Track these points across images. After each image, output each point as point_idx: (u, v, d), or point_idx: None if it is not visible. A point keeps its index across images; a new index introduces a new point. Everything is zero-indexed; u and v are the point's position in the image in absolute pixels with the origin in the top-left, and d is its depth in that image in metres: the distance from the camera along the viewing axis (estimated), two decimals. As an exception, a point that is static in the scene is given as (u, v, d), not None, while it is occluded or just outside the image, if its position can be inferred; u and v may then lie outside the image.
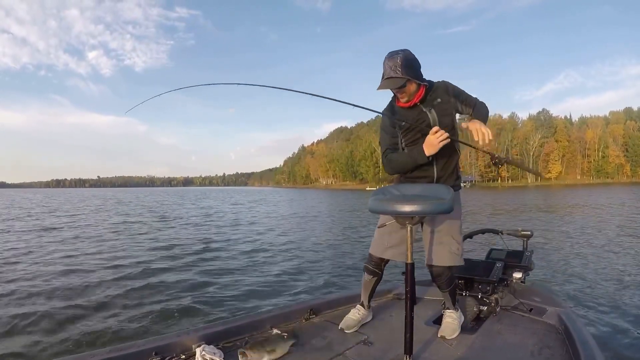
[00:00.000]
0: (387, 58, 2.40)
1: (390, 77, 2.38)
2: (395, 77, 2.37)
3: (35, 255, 9.35)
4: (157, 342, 2.32)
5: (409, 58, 2.41)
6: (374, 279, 2.83)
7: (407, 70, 2.37)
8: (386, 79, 2.40)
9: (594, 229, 13.57)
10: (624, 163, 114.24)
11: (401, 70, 2.35)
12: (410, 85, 2.42)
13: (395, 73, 2.36)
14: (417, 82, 2.44)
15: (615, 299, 5.73)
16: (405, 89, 2.43)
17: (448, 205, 2.01)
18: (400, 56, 2.37)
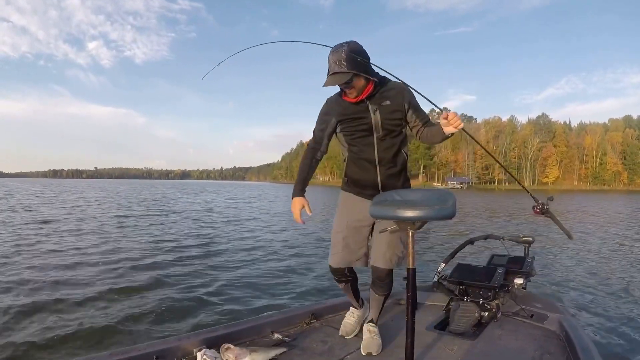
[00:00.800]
0: (332, 52, 2.27)
1: (336, 73, 2.24)
2: (341, 72, 2.23)
3: (32, 253, 9.20)
4: (158, 345, 2.31)
5: (355, 50, 2.26)
6: (348, 284, 2.71)
7: (354, 64, 2.23)
8: (331, 75, 2.26)
9: (594, 236, 13.59)
10: (621, 171, 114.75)
11: (346, 64, 2.21)
12: (357, 80, 2.28)
13: (340, 68, 2.22)
14: (366, 77, 2.30)
15: (616, 306, 5.73)
16: (353, 84, 2.29)
17: (451, 211, 1.98)
18: (345, 49, 2.23)
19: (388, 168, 2.49)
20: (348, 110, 2.43)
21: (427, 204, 2.01)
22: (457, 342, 2.67)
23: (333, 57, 2.25)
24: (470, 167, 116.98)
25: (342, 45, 2.25)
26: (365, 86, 2.33)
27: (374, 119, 2.39)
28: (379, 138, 2.43)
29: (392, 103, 2.40)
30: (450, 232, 13.88)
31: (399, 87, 2.45)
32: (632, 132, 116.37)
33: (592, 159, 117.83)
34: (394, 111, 2.41)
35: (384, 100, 2.40)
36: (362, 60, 2.27)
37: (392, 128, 2.43)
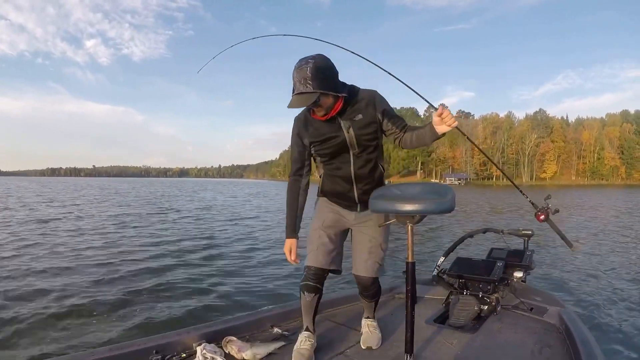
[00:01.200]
0: (296, 69, 2.09)
1: (301, 93, 2.07)
2: (307, 93, 2.06)
3: (32, 249, 9.27)
4: (157, 340, 2.31)
5: (321, 67, 2.08)
6: (316, 297, 2.43)
7: (320, 83, 2.05)
8: (296, 95, 2.09)
9: (593, 230, 13.70)
10: (619, 165, 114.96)
11: (312, 83, 2.04)
12: (325, 98, 2.13)
13: (305, 87, 2.05)
14: (334, 95, 2.15)
15: (615, 298, 5.76)
16: (320, 103, 2.14)
17: (449, 205, 1.98)
18: (310, 66, 2.04)
19: (365, 184, 2.40)
20: (320, 131, 2.31)
21: (426, 197, 2.01)
22: (456, 336, 2.67)
23: (297, 75, 2.07)
24: (468, 163, 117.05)
25: (306, 62, 2.07)
26: (334, 103, 2.19)
27: (348, 136, 2.27)
28: (355, 155, 2.32)
29: (365, 116, 2.27)
30: (449, 226, 13.91)
31: (369, 96, 2.31)
32: (629, 127, 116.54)
33: (590, 154, 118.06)
34: (368, 124, 2.28)
35: (355, 114, 2.27)
36: (330, 76, 2.12)
37: (368, 143, 2.32)
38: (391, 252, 8.41)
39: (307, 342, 2.40)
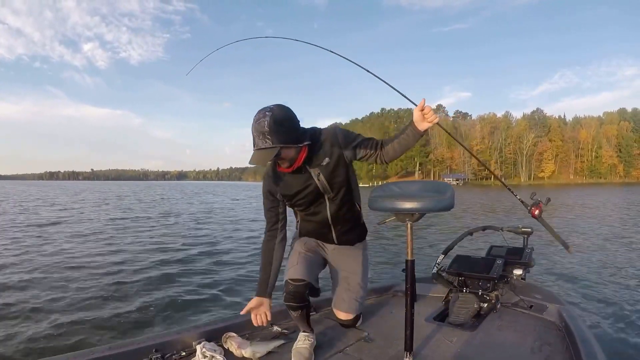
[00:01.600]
0: (254, 123, 2.00)
1: (260, 149, 1.99)
2: (266, 148, 1.97)
3: (33, 250, 9.29)
4: (157, 339, 2.31)
5: (279, 120, 1.98)
6: (303, 312, 2.36)
7: (279, 137, 1.97)
8: (256, 151, 2.00)
9: (593, 227, 13.71)
10: (617, 163, 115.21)
11: (271, 138, 1.96)
12: (287, 151, 2.05)
13: (264, 142, 1.97)
14: (294, 147, 2.07)
15: (615, 296, 5.76)
16: (282, 157, 2.07)
17: (449, 203, 1.98)
18: (268, 120, 1.95)
19: (342, 225, 2.41)
20: (290, 184, 2.27)
21: (425, 195, 2.01)
22: (456, 334, 2.67)
23: (255, 129, 1.99)
24: (466, 164, 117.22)
25: (264, 114, 1.98)
26: (298, 154, 2.12)
27: (320, 183, 2.23)
28: (330, 198, 2.30)
29: (332, 158, 2.21)
30: (449, 224, 13.92)
31: (331, 136, 2.23)
32: (626, 125, 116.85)
33: (588, 152, 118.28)
34: (337, 166, 2.22)
35: (322, 159, 2.20)
36: (289, 128, 2.04)
37: (341, 185, 2.28)
38: (391, 250, 8.43)
39: (307, 341, 2.39)
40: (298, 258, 2.39)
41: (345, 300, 2.44)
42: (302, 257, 2.40)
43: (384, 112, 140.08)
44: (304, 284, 2.26)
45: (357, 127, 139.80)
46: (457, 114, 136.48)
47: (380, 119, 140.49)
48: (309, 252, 2.45)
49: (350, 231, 2.46)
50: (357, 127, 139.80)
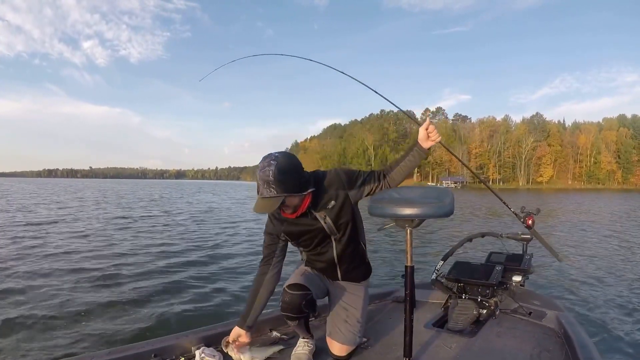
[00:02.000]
0: (259, 171, 2.04)
1: (264, 198, 2.02)
2: (270, 198, 2.01)
3: (30, 251, 9.25)
4: (156, 343, 2.31)
5: (283, 169, 2.01)
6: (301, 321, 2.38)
7: (284, 186, 2.01)
8: (261, 199, 2.04)
9: (592, 234, 13.74)
10: (615, 170, 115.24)
11: (275, 187, 1.99)
12: (291, 199, 2.08)
13: (269, 192, 2.00)
14: (298, 195, 2.10)
15: (614, 303, 5.77)
16: (286, 204, 2.10)
17: (448, 209, 1.98)
18: (273, 170, 1.98)
19: (348, 264, 2.42)
20: (296, 226, 2.29)
21: (425, 201, 2.01)
22: (455, 340, 2.67)
23: (260, 177, 2.02)
24: (465, 167, 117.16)
25: (269, 164, 2.01)
26: (302, 201, 2.15)
27: (327, 226, 2.26)
28: (337, 239, 2.32)
29: (337, 201, 2.24)
30: (448, 230, 13.92)
31: (335, 179, 2.26)
32: (626, 131, 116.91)
33: (587, 158, 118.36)
34: (342, 207, 2.26)
35: (328, 202, 2.24)
36: (294, 178, 2.07)
37: (347, 225, 2.30)
38: (389, 256, 8.42)
39: (306, 347, 2.41)
40: (303, 272, 2.42)
41: (342, 332, 2.40)
42: (307, 273, 2.42)
43: (383, 114, 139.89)
44: (302, 294, 2.24)
45: (356, 129, 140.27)
46: (456, 117, 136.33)
47: (379, 120, 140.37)
48: (315, 273, 2.47)
49: (356, 269, 2.47)
50: (356, 129, 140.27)
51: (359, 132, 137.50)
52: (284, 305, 2.26)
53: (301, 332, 2.44)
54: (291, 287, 2.26)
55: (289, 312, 2.26)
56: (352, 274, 2.47)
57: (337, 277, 2.46)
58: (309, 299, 2.27)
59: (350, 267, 2.43)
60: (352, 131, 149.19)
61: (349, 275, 2.46)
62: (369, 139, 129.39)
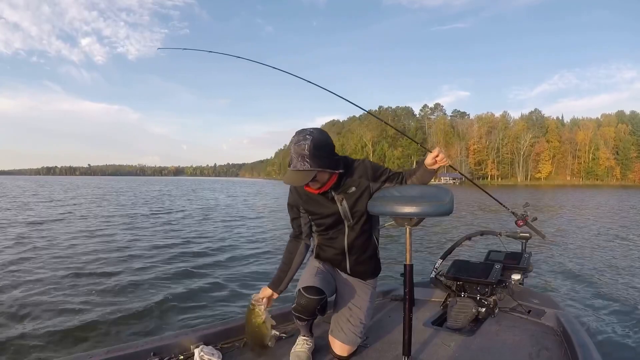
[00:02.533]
0: (294, 144, 2.09)
1: (297, 171, 2.07)
2: (304, 171, 2.06)
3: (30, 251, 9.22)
4: (155, 342, 2.32)
5: (319, 145, 2.07)
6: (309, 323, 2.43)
7: (317, 161, 2.06)
8: (293, 171, 2.09)
9: (591, 231, 13.73)
10: (614, 166, 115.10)
11: (310, 161, 2.04)
12: (322, 174, 2.13)
13: (303, 165, 2.05)
14: (329, 172, 2.16)
15: (613, 301, 5.77)
16: (317, 179, 2.14)
17: (448, 207, 1.98)
18: (309, 144, 2.04)
19: (358, 255, 2.43)
20: (314, 202, 2.34)
21: (425, 200, 2.01)
22: (454, 338, 2.67)
23: (295, 150, 2.07)
24: (463, 163, 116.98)
25: (304, 137, 2.06)
26: (329, 178, 2.20)
27: (342, 209, 2.30)
28: (350, 226, 2.35)
29: (358, 188, 2.29)
30: (447, 228, 13.93)
31: (362, 168, 2.31)
32: (624, 127, 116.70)
33: (585, 154, 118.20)
34: (361, 196, 2.29)
35: (349, 187, 2.28)
36: (327, 153, 2.13)
37: (362, 214, 2.32)
38: (389, 255, 8.42)
39: (305, 345, 2.42)
40: (316, 271, 2.42)
41: (344, 332, 2.41)
42: (319, 271, 2.43)
43: (381, 110, 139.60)
44: (319, 298, 2.25)
45: (354, 125, 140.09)
46: (455, 113, 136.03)
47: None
48: (326, 269, 2.48)
49: (365, 262, 2.47)
50: (354, 125, 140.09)
51: (357, 129, 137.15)
52: (298, 308, 2.26)
53: (304, 331, 2.46)
54: (308, 290, 2.26)
55: (303, 315, 2.28)
56: (361, 267, 2.47)
57: (346, 268, 2.46)
58: (323, 303, 2.28)
59: (360, 259, 2.44)
60: (350, 127, 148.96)
61: (358, 268, 2.46)
62: (367, 136, 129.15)
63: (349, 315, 2.43)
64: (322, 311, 2.32)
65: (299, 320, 2.33)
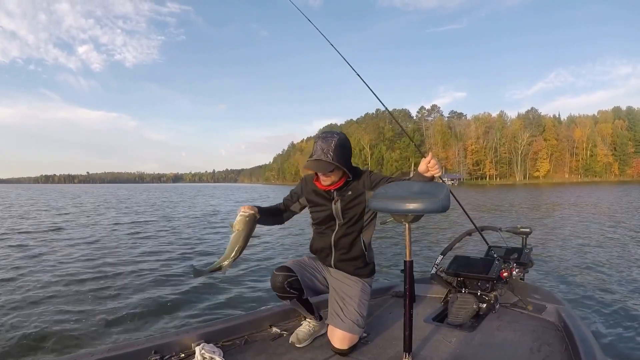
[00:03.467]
0: (321, 139, 2.36)
1: (320, 160, 2.32)
2: (325, 161, 2.31)
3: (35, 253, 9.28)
4: (156, 340, 2.31)
5: (343, 145, 2.38)
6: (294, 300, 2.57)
7: (339, 158, 2.33)
8: (314, 160, 2.34)
9: (591, 227, 13.73)
10: (612, 162, 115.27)
11: (332, 155, 2.31)
12: (337, 172, 2.40)
13: (326, 157, 2.31)
14: (344, 172, 2.41)
15: (614, 296, 5.76)
16: (332, 174, 2.39)
17: (442, 204, 1.97)
18: (335, 141, 2.33)
19: (342, 253, 2.56)
20: (315, 195, 2.56)
21: (420, 197, 2.01)
22: (455, 334, 2.67)
23: (322, 144, 2.34)
24: (461, 164, 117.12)
25: (332, 136, 2.36)
26: (340, 179, 2.45)
27: (334, 208, 2.49)
28: (340, 225, 2.52)
29: (354, 192, 2.47)
30: (447, 224, 13.94)
31: (363, 176, 2.51)
32: (621, 123, 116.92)
33: (583, 151, 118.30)
34: (355, 199, 2.47)
35: (347, 191, 2.47)
36: (347, 155, 2.42)
37: (352, 217, 2.49)
38: (389, 251, 8.43)
39: (307, 327, 2.59)
40: (295, 259, 2.64)
41: (340, 318, 2.42)
42: (299, 260, 2.64)
43: (378, 113, 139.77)
44: (285, 274, 2.47)
45: (352, 128, 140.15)
46: (452, 114, 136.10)
47: (375, 119, 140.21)
48: (311, 263, 2.66)
49: (349, 261, 2.57)
50: (352, 128, 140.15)
51: (355, 132, 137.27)
52: (271, 284, 2.51)
53: (303, 313, 2.66)
54: (278, 269, 2.50)
55: (276, 292, 2.50)
56: (345, 264, 2.57)
57: (331, 262, 2.59)
58: (292, 280, 2.45)
59: (345, 257, 2.56)
60: (348, 131, 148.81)
61: (341, 265, 2.58)
62: (364, 139, 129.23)
63: (342, 305, 2.47)
64: (295, 289, 2.49)
65: (280, 298, 2.56)
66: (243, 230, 2.25)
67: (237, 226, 2.25)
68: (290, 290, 2.47)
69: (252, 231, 2.30)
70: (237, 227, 2.25)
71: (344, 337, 2.38)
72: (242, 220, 2.26)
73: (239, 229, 2.24)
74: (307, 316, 2.65)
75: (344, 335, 2.38)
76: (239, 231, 2.24)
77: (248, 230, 2.26)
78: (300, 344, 2.50)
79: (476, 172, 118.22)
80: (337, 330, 2.40)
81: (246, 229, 2.25)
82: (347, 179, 2.46)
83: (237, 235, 2.24)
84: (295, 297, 2.52)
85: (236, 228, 2.25)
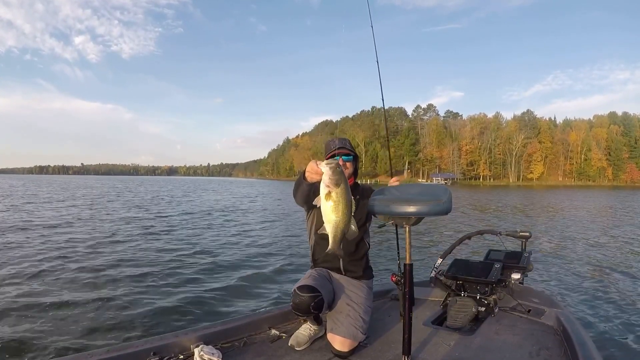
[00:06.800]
0: (341, 138, 2.77)
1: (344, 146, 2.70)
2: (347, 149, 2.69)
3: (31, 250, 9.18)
4: (155, 342, 2.31)
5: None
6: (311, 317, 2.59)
7: (353, 152, 2.75)
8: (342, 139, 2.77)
9: (589, 231, 13.80)
10: (606, 167, 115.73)
11: (351, 149, 2.73)
12: (352, 166, 2.76)
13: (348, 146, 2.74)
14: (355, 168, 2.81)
15: (613, 300, 5.79)
16: (350, 164, 2.74)
17: (446, 207, 1.97)
18: (349, 142, 2.80)
19: (350, 254, 2.65)
20: None
21: (423, 200, 2.00)
22: (454, 337, 2.67)
23: (342, 141, 2.74)
24: (455, 163, 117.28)
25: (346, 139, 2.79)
26: (350, 177, 2.74)
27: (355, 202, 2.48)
28: None
29: (362, 199, 2.64)
30: (446, 228, 13.95)
31: (365, 186, 2.86)
32: (616, 129, 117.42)
33: (577, 155, 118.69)
34: (360, 204, 2.53)
35: (356, 195, 2.59)
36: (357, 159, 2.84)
37: (359, 218, 2.61)
38: (389, 255, 8.42)
39: (307, 330, 2.59)
40: (310, 274, 2.62)
41: (344, 326, 2.44)
42: (314, 275, 2.60)
43: (374, 110, 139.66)
44: (312, 295, 2.36)
45: (347, 125, 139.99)
46: (447, 114, 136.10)
47: (370, 117, 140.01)
48: (321, 275, 2.64)
49: (356, 263, 2.70)
50: (347, 125, 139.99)
51: (350, 129, 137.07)
52: (294, 306, 2.40)
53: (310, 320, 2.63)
54: (301, 289, 2.39)
55: (299, 312, 2.41)
56: (353, 267, 2.66)
57: (340, 267, 2.65)
58: (317, 300, 2.38)
59: (352, 258, 2.64)
60: (343, 128, 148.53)
61: (350, 268, 2.65)
62: (359, 136, 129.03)
63: (347, 311, 2.50)
64: (318, 309, 2.41)
65: (299, 317, 2.59)
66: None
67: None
68: (313, 312, 2.41)
69: None
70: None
71: (345, 342, 2.41)
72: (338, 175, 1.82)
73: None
74: (311, 321, 2.64)
75: (345, 339, 2.41)
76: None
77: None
78: (300, 347, 2.50)
79: (470, 173, 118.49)
80: (339, 337, 2.42)
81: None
82: (355, 181, 2.72)
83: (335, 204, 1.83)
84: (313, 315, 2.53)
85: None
